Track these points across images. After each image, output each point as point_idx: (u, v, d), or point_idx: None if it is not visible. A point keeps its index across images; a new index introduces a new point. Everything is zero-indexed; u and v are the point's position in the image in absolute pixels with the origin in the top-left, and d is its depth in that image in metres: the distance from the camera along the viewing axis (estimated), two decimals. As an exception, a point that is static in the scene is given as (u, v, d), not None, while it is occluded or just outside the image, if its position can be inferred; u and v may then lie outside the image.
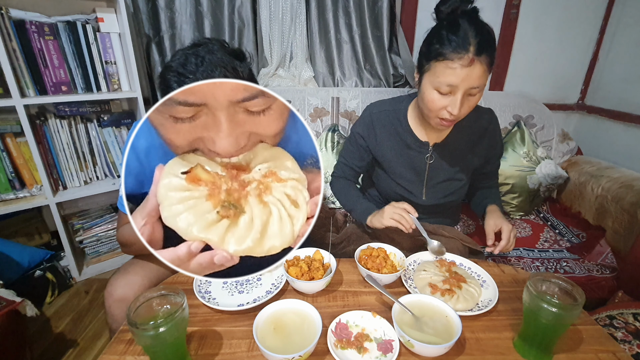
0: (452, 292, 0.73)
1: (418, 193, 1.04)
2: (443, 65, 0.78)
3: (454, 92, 0.79)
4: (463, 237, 1.03)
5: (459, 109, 0.80)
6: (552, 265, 1.26)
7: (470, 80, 0.77)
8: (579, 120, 2.08)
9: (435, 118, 0.86)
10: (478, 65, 0.76)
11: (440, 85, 0.79)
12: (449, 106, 0.80)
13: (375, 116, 1.02)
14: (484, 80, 0.79)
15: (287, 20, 1.78)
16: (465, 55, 0.75)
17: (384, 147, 1.02)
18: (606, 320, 0.92)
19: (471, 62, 0.75)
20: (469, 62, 0.75)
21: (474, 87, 0.78)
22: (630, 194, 1.28)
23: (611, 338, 0.66)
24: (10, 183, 1.50)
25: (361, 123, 1.04)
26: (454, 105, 0.80)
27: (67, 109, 1.54)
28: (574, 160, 1.68)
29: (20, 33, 1.36)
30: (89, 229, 1.70)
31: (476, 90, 0.79)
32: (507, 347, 0.63)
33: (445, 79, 0.78)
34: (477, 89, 0.79)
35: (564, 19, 1.86)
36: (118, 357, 0.60)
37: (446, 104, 0.81)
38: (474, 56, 0.75)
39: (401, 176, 1.03)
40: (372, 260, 0.81)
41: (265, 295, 0.73)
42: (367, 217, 0.97)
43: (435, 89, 0.81)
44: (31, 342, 1.32)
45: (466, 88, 0.78)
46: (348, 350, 0.60)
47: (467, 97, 0.81)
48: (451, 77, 0.77)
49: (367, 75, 1.90)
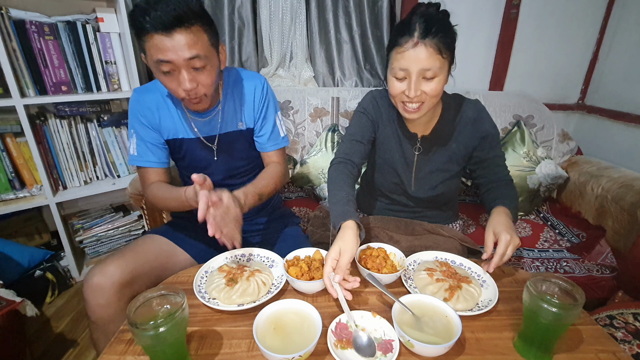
0: (452, 292, 0.73)
1: (407, 183, 1.05)
2: (395, 52, 0.85)
3: (408, 76, 0.84)
4: (462, 237, 1.04)
5: (414, 91, 0.84)
6: (552, 265, 1.26)
7: (418, 62, 0.81)
8: (579, 120, 2.08)
9: (399, 104, 0.91)
10: (423, 47, 0.81)
11: (395, 71, 0.85)
12: (406, 90, 0.86)
13: (379, 99, 1.04)
14: (436, 63, 0.82)
15: (287, 20, 1.78)
16: (410, 39, 0.81)
17: (383, 129, 1.04)
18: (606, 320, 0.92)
19: (416, 44, 0.81)
20: (413, 45, 0.81)
21: (425, 69, 0.82)
22: (630, 194, 1.28)
23: (611, 338, 0.66)
24: (10, 183, 1.50)
25: (366, 101, 1.06)
26: (409, 88, 0.85)
27: (67, 109, 1.54)
28: (574, 160, 1.68)
29: (20, 33, 1.36)
30: (89, 229, 1.70)
31: (430, 72, 0.82)
32: (507, 347, 0.63)
33: (397, 63, 0.84)
34: (430, 72, 0.82)
35: (564, 19, 1.86)
36: (118, 357, 0.60)
37: (404, 88, 0.86)
38: (418, 39, 0.80)
39: (395, 162, 1.04)
40: (372, 260, 0.81)
41: (265, 295, 0.73)
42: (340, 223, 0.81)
43: (393, 76, 0.87)
44: (31, 342, 1.32)
45: (418, 70, 0.82)
46: (348, 350, 0.60)
47: (425, 82, 0.84)
48: (401, 60, 0.83)
49: (367, 75, 1.90)
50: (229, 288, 0.73)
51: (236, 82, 1.01)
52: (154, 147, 0.99)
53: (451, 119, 0.98)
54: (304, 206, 1.59)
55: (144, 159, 0.99)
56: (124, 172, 1.75)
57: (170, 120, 0.98)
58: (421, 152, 1.02)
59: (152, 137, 0.98)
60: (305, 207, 1.59)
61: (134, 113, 0.97)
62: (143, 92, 0.98)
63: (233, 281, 0.75)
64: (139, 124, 0.97)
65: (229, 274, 0.77)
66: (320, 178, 1.60)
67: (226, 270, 0.78)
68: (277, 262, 0.86)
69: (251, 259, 0.88)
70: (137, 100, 0.97)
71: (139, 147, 0.99)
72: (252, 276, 0.76)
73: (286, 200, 1.70)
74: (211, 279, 0.77)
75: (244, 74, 1.03)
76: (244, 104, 1.01)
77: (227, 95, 1.00)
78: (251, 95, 1.01)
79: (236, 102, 1.01)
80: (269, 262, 0.86)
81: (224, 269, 0.79)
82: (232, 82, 1.00)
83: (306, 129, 1.70)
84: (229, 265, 0.80)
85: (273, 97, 1.06)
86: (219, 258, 0.86)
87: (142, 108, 0.96)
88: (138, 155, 0.99)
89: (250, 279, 0.75)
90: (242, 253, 0.88)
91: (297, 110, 1.70)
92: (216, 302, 0.71)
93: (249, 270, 0.79)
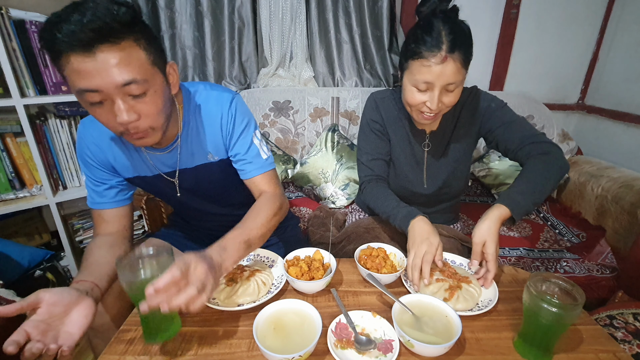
0: (452, 292, 0.73)
1: (419, 182, 1.05)
2: (419, 63, 0.82)
3: (430, 88, 0.83)
4: (462, 236, 1.04)
5: (437, 105, 0.84)
6: (552, 265, 1.26)
7: (444, 77, 0.80)
8: (579, 120, 2.08)
9: (416, 112, 0.90)
10: (451, 63, 0.79)
11: (417, 82, 0.83)
12: (428, 102, 0.84)
13: (380, 101, 1.04)
14: (459, 77, 0.82)
15: (287, 20, 1.78)
16: (438, 53, 0.78)
17: (390, 131, 1.04)
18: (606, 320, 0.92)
19: (444, 59, 0.78)
20: (442, 60, 0.78)
21: (450, 83, 0.81)
22: (630, 194, 1.28)
23: (611, 338, 0.66)
24: (10, 183, 1.50)
25: (369, 110, 1.05)
26: (432, 101, 0.84)
27: (67, 108, 1.54)
28: (574, 160, 1.68)
29: (20, 33, 1.36)
30: (89, 229, 1.70)
31: (453, 86, 0.82)
32: (507, 347, 0.63)
33: (422, 76, 0.82)
34: (453, 85, 0.82)
35: (564, 19, 1.86)
36: (118, 357, 0.60)
37: (425, 99, 0.85)
38: (446, 54, 0.78)
39: (404, 164, 1.04)
40: (371, 260, 0.81)
41: (265, 295, 0.73)
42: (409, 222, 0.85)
43: (413, 86, 0.85)
44: (31, 342, 1.31)
45: (442, 84, 0.81)
46: (348, 350, 0.60)
47: (445, 93, 0.84)
48: (426, 74, 0.81)
49: (367, 75, 1.90)
50: (229, 288, 0.73)
51: (199, 106, 0.82)
52: (102, 186, 0.84)
53: (452, 110, 0.98)
54: (304, 206, 1.59)
55: (90, 200, 0.85)
56: (124, 172, 1.75)
57: (126, 157, 0.83)
58: (430, 148, 1.02)
59: (100, 177, 0.84)
60: (305, 207, 1.59)
61: (80, 149, 0.82)
62: (90, 125, 0.81)
63: (233, 281, 0.75)
64: (84, 163, 0.83)
65: (229, 274, 0.77)
66: (320, 178, 1.60)
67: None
68: (277, 262, 0.85)
69: (251, 259, 0.88)
70: (83, 135, 0.81)
71: (87, 187, 0.85)
72: (252, 276, 0.76)
73: (286, 200, 1.70)
74: None
75: (209, 94, 0.83)
76: (210, 132, 0.83)
77: (189, 123, 0.81)
78: (217, 119, 0.81)
79: (199, 130, 0.82)
80: (269, 262, 0.86)
81: None
82: (193, 106, 0.81)
83: (306, 129, 1.70)
84: None
85: (246, 114, 0.85)
86: None
87: (90, 144, 0.81)
88: (88, 196, 0.85)
89: (250, 279, 0.75)
90: None
91: (297, 110, 1.70)
92: (216, 302, 0.71)
93: (249, 270, 0.79)
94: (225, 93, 0.83)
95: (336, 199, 1.57)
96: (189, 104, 0.81)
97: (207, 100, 0.82)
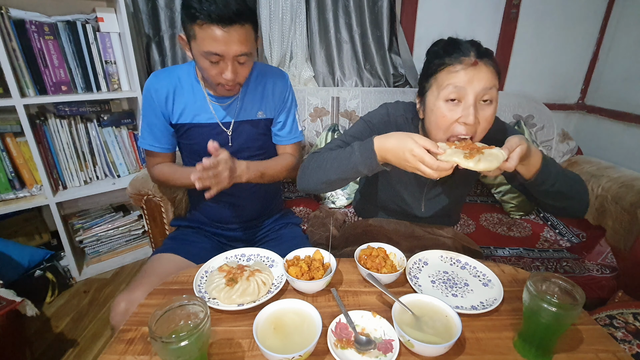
0: (471, 154, 0.65)
1: (416, 205, 1.01)
2: (445, 72, 0.73)
3: (463, 97, 0.72)
4: (462, 237, 1.03)
5: (474, 116, 0.71)
6: (552, 265, 1.26)
7: (478, 81, 0.71)
8: (579, 120, 2.08)
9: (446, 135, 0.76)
10: (483, 67, 0.71)
11: (447, 91, 0.73)
12: (462, 116, 0.72)
13: (393, 118, 0.94)
14: (495, 83, 0.73)
15: (287, 20, 1.78)
16: (467, 58, 0.72)
17: None
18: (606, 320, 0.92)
19: (474, 63, 0.71)
20: (472, 63, 0.71)
21: (488, 87, 0.71)
22: (630, 194, 1.28)
23: (611, 338, 0.66)
24: (10, 183, 1.50)
25: (377, 116, 0.94)
26: (467, 113, 0.71)
27: (67, 108, 1.54)
28: (574, 160, 1.68)
29: (20, 33, 1.36)
30: (89, 228, 1.71)
31: (490, 94, 0.72)
32: (507, 347, 0.63)
33: (450, 81, 0.72)
34: (491, 91, 0.72)
35: (564, 19, 1.86)
36: (118, 357, 0.60)
37: (458, 115, 0.73)
38: (476, 58, 0.72)
39: (402, 189, 1.00)
40: (371, 260, 0.81)
41: (265, 295, 0.73)
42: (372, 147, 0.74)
43: (442, 99, 0.74)
44: (31, 342, 1.32)
45: (476, 92, 0.71)
46: (348, 350, 0.60)
47: (481, 106, 0.73)
48: (455, 79, 0.72)
49: (367, 75, 1.90)
50: (229, 288, 0.73)
51: (259, 74, 1.04)
52: (159, 133, 1.02)
53: None
54: (304, 206, 1.59)
55: (147, 142, 1.03)
56: (124, 172, 1.75)
57: (188, 104, 0.99)
58: None
59: (159, 124, 1.01)
60: (305, 207, 1.59)
61: (146, 96, 0.99)
62: (159, 77, 0.99)
63: (233, 281, 0.75)
64: (149, 108, 0.99)
65: (229, 274, 0.77)
66: (320, 178, 1.60)
67: (226, 270, 0.78)
68: (277, 262, 0.86)
69: (251, 259, 0.88)
70: (151, 84, 0.98)
71: (144, 131, 1.02)
72: (252, 276, 0.76)
73: (286, 200, 1.70)
74: (211, 279, 0.77)
75: (268, 68, 1.07)
76: (265, 95, 1.04)
77: (248, 85, 1.02)
78: (273, 87, 1.04)
79: (257, 92, 1.04)
80: (269, 262, 0.86)
81: (224, 269, 0.79)
82: (255, 73, 1.03)
83: (306, 128, 1.70)
84: (229, 265, 0.81)
85: (293, 93, 1.11)
86: (219, 258, 0.86)
87: (156, 93, 0.98)
88: (142, 137, 1.03)
89: (250, 279, 0.75)
90: (242, 253, 0.89)
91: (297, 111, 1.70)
92: (216, 302, 0.71)
93: (249, 270, 0.79)
94: (282, 71, 1.09)
95: (336, 199, 1.57)
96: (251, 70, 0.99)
97: (270, 69, 1.07)
